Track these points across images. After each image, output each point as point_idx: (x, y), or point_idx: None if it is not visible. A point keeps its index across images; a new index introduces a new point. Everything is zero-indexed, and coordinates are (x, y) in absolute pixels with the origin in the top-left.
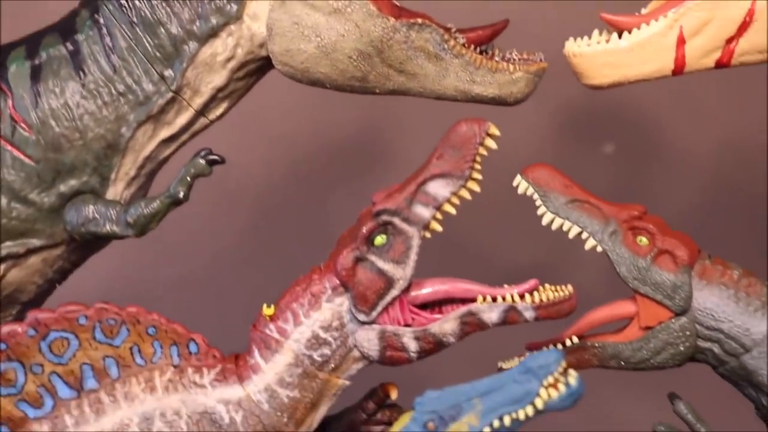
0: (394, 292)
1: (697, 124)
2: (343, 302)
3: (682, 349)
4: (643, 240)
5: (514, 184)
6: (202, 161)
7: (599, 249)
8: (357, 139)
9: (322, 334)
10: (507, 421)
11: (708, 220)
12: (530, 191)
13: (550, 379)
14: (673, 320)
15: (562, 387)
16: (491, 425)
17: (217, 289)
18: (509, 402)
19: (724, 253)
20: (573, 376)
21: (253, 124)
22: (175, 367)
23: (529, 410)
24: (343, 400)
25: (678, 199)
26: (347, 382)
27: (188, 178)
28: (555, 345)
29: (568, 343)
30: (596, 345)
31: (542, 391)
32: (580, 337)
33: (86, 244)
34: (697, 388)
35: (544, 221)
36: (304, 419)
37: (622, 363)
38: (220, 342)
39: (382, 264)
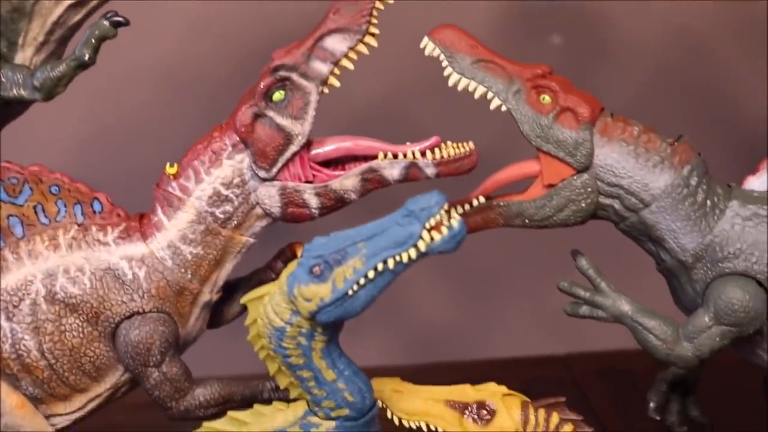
0: (294, 148)
1: (643, 15)
2: (243, 159)
3: (583, 205)
4: (546, 98)
5: (422, 45)
6: (107, 23)
7: (504, 108)
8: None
9: (224, 191)
10: (391, 263)
11: (654, 110)
12: (437, 52)
13: (432, 222)
14: (575, 177)
15: (444, 230)
16: (375, 268)
17: None
18: (393, 245)
19: None
20: (455, 219)
21: (204, 18)
22: (79, 225)
23: (412, 253)
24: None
25: (625, 90)
26: (251, 240)
27: (93, 41)
28: (462, 205)
29: (475, 203)
30: (501, 204)
31: (425, 234)
32: (486, 198)
33: None
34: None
35: (450, 82)
36: (208, 276)
37: (527, 221)
38: None
39: (280, 120)
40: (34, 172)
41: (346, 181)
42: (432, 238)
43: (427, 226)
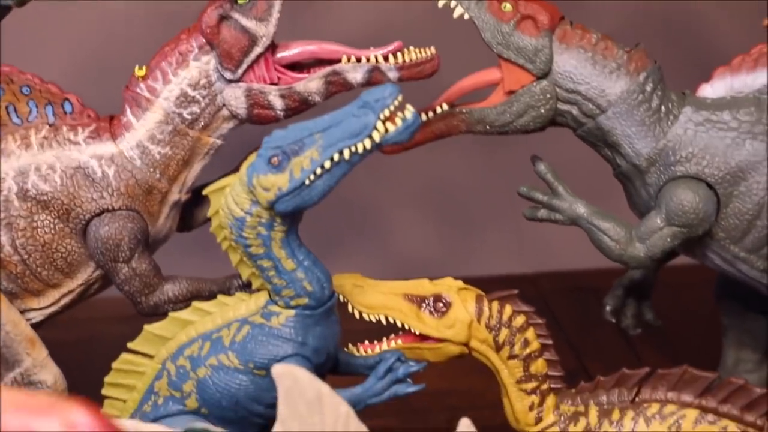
0: (258, 50)
1: None
2: (209, 60)
3: (542, 111)
4: (507, 6)
5: None
6: None
7: (466, 16)
8: None
9: (191, 92)
10: (346, 154)
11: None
12: None
13: (387, 113)
14: (534, 84)
15: (398, 120)
16: (332, 159)
17: None
18: (348, 136)
19: None
20: (409, 110)
21: None
22: (50, 125)
23: (367, 143)
24: None
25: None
26: (219, 141)
27: None
28: (426, 112)
29: (438, 110)
30: (464, 111)
31: (379, 125)
32: (449, 105)
33: None
34: None
35: None
36: (176, 176)
37: (488, 127)
38: None
39: (245, 21)
40: (5, 72)
41: (310, 83)
42: (386, 129)
43: (382, 117)
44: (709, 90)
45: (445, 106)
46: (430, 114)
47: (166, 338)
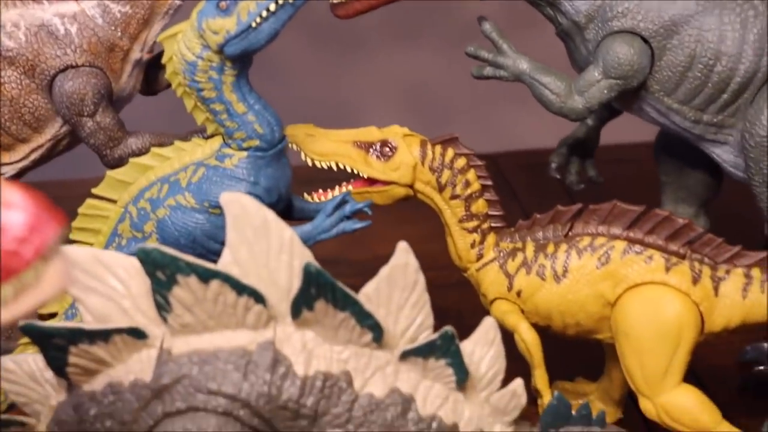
0: None
1: None
2: None
3: None
4: None
5: None
6: None
7: None
8: None
9: None
10: None
11: None
12: None
13: None
14: None
15: None
16: (276, 1)
17: None
18: None
19: None
20: None
21: None
22: None
23: None
24: None
25: None
26: (178, 2)
27: None
28: None
29: None
30: None
31: None
32: None
33: None
34: None
35: None
36: (137, 35)
37: None
38: None
39: None
40: None
41: None
42: None
43: None
44: None
45: None
46: None
47: (128, 183)
